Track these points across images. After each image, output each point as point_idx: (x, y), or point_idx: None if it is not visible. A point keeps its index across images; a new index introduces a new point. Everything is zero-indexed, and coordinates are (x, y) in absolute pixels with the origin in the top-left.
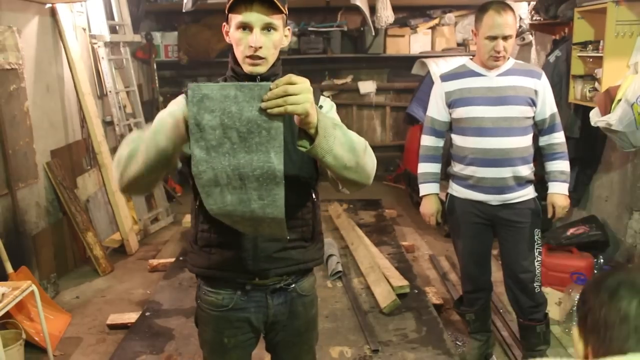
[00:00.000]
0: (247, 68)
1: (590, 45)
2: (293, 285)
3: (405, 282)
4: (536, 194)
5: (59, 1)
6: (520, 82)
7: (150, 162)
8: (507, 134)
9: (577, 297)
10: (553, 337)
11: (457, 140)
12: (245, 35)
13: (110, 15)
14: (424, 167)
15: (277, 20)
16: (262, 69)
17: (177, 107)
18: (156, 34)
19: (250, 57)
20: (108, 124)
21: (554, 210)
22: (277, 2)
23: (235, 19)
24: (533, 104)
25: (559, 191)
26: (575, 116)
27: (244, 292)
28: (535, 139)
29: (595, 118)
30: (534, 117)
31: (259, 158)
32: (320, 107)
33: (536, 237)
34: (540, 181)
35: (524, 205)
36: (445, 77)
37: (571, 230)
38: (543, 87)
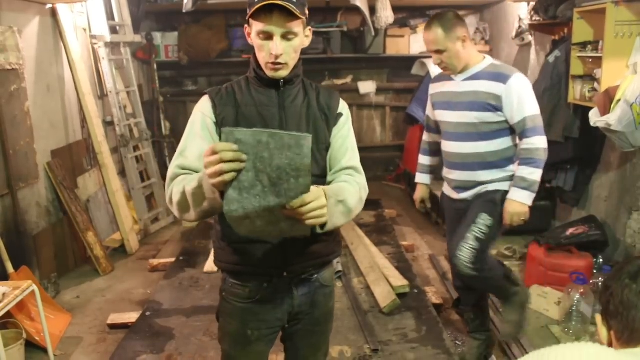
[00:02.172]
0: (269, 73)
1: (589, 46)
2: (316, 276)
3: (405, 282)
4: (506, 190)
5: (60, 1)
6: (482, 87)
7: (204, 214)
8: (464, 140)
9: (577, 296)
10: (552, 336)
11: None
12: (267, 43)
13: (110, 16)
14: (419, 159)
15: (296, 27)
16: (283, 73)
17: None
18: (156, 35)
19: (272, 63)
20: (108, 124)
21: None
22: (297, 12)
23: (256, 26)
24: (495, 109)
25: (512, 197)
26: (574, 116)
27: (270, 284)
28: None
29: (595, 118)
30: (508, 122)
31: (287, 201)
32: (340, 114)
33: (479, 220)
34: (540, 181)
35: (485, 194)
36: (433, 79)
37: (570, 230)
38: (509, 91)
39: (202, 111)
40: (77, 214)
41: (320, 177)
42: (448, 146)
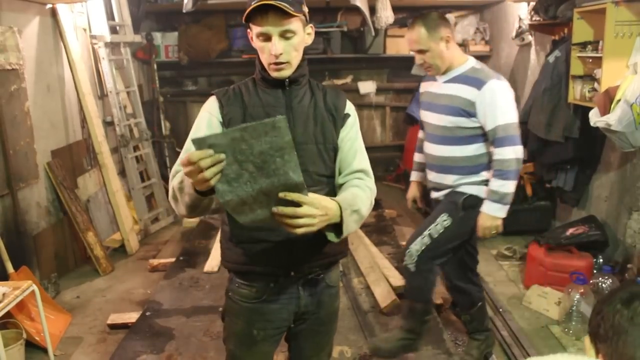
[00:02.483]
0: (273, 74)
1: (589, 46)
2: (322, 276)
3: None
4: (472, 194)
5: (60, 2)
6: (458, 91)
7: (191, 209)
8: (440, 142)
9: (577, 296)
10: (552, 336)
11: None
12: (266, 44)
13: (110, 16)
14: (414, 157)
15: (294, 24)
16: (286, 72)
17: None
18: (156, 35)
19: (274, 63)
20: (108, 124)
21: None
22: (290, 10)
23: (255, 29)
24: (468, 114)
25: (484, 210)
26: (574, 116)
27: (276, 284)
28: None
29: (595, 118)
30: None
31: (278, 180)
32: (347, 115)
33: (438, 219)
34: (539, 181)
35: (452, 194)
36: (425, 78)
37: (570, 230)
38: (482, 98)
39: (209, 111)
40: (77, 214)
41: (329, 177)
42: (427, 147)
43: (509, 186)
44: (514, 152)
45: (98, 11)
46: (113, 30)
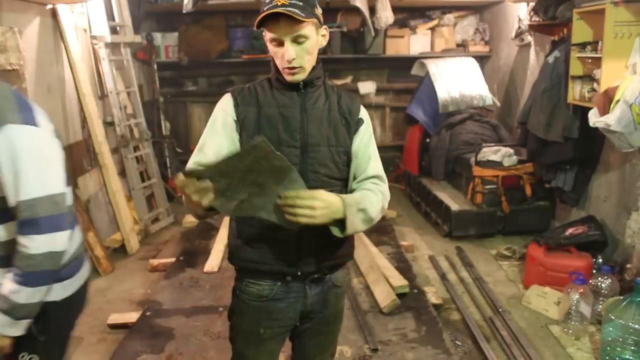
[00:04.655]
0: (287, 77)
1: (589, 46)
2: (329, 276)
3: (404, 282)
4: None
5: (60, 2)
6: None
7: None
8: None
9: (576, 296)
10: (552, 336)
11: None
12: (279, 49)
13: (111, 16)
14: None
15: (306, 29)
16: (300, 76)
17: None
18: (157, 35)
19: (287, 68)
20: (109, 125)
21: None
22: (300, 17)
23: (268, 34)
24: None
25: None
26: (574, 117)
27: (284, 283)
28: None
29: (594, 118)
30: None
31: (265, 165)
32: (361, 120)
33: None
34: (539, 181)
35: None
36: None
37: (570, 230)
38: None
39: (224, 109)
40: (77, 214)
41: (340, 180)
42: None
43: (26, 295)
44: (47, 244)
45: (98, 11)
46: (113, 30)
